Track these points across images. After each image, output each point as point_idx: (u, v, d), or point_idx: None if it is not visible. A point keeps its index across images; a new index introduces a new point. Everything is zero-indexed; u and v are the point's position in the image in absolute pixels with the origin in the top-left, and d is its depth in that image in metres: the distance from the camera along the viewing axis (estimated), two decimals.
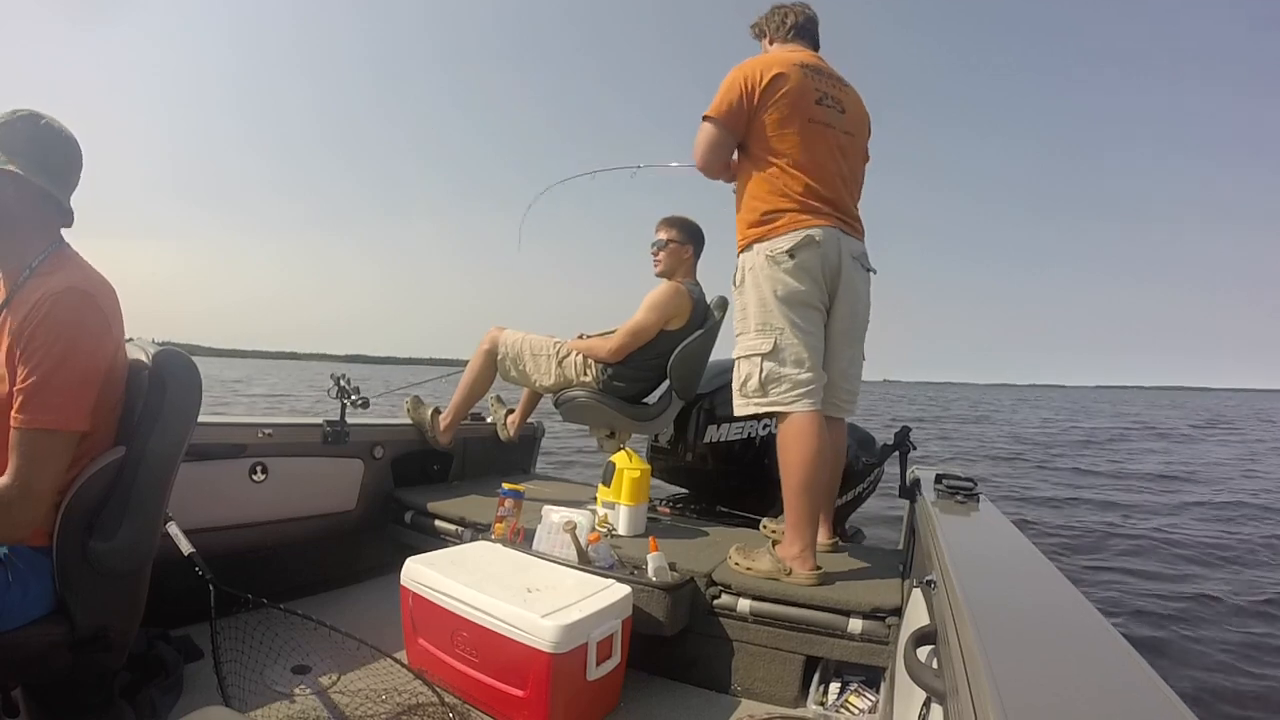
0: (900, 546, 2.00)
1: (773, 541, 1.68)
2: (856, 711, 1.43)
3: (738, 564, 1.64)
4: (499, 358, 2.40)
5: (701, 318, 2.33)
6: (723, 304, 2.37)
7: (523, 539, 1.79)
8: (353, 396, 2.11)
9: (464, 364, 2.50)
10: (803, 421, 1.57)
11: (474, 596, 1.38)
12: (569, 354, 2.35)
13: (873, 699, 1.44)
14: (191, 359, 1.15)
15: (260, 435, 1.90)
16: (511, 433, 2.66)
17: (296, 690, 1.41)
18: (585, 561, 1.60)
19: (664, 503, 2.49)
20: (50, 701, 1.12)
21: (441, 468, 2.57)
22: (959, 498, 1.47)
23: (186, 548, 1.42)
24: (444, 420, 2.42)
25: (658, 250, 2.34)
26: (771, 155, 1.62)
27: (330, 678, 1.47)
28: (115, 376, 1.10)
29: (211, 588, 1.39)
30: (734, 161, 1.73)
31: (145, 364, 1.13)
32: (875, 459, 2.45)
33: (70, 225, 1.13)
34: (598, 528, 1.73)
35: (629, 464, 1.98)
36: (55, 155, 1.08)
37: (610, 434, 2.38)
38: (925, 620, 0.91)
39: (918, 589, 1.14)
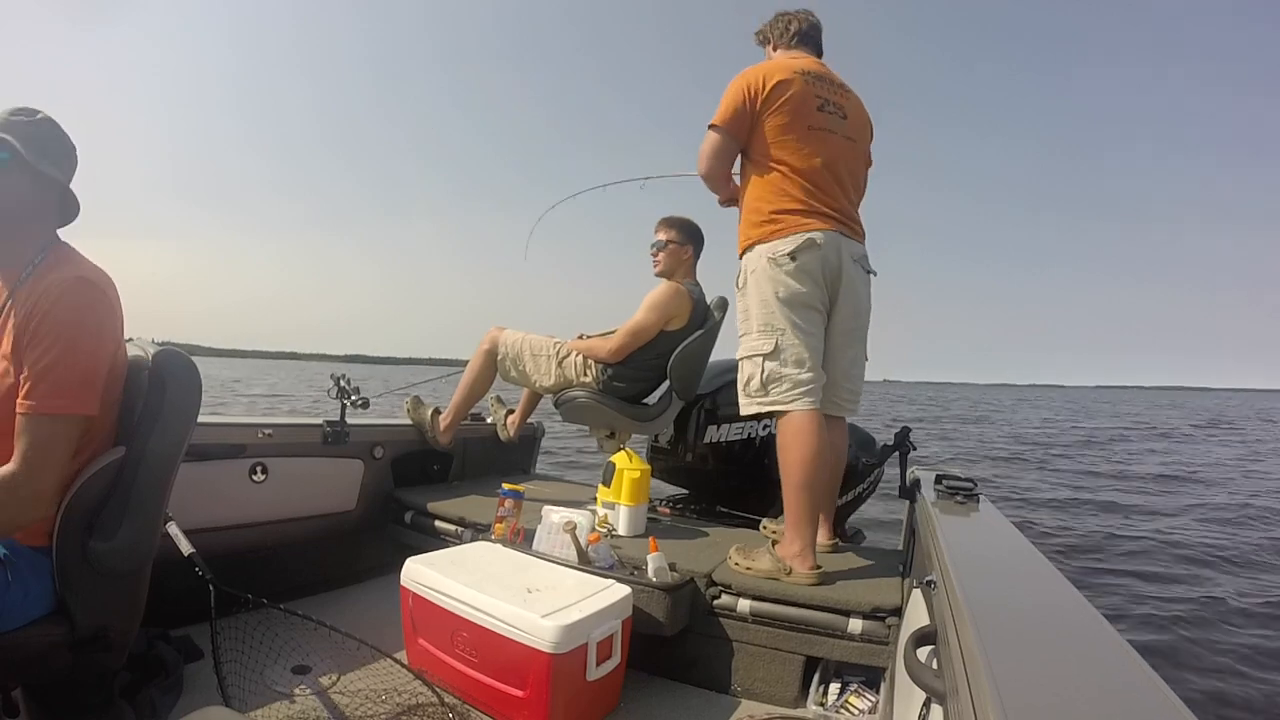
0: (900, 547, 2.00)
1: (772, 541, 1.68)
2: (856, 712, 1.43)
3: (738, 564, 1.64)
4: (499, 358, 2.40)
5: (701, 318, 2.33)
6: (723, 304, 2.37)
7: (523, 539, 1.79)
8: (353, 397, 2.11)
9: (464, 364, 2.50)
10: (802, 420, 1.58)
11: (474, 597, 1.38)
12: (569, 354, 2.35)
13: (873, 699, 1.44)
14: (191, 359, 1.15)
15: (260, 435, 1.90)
16: (511, 433, 2.66)
17: (296, 690, 1.41)
18: (585, 562, 1.60)
19: (664, 503, 2.48)
20: (50, 701, 1.12)
21: (441, 468, 2.57)
22: (959, 498, 1.47)
23: (186, 548, 1.42)
24: (444, 420, 2.42)
25: (657, 251, 2.35)
26: (774, 160, 1.65)
27: (330, 678, 1.47)
28: (115, 375, 1.11)
29: (211, 588, 1.39)
30: (735, 174, 1.78)
31: (145, 364, 1.13)
32: (875, 459, 2.45)
33: (74, 218, 1.14)
34: (598, 528, 1.73)
35: (629, 464, 1.98)
36: (53, 149, 1.09)
37: (610, 434, 2.38)
38: (925, 620, 0.91)
39: (918, 589, 1.14)
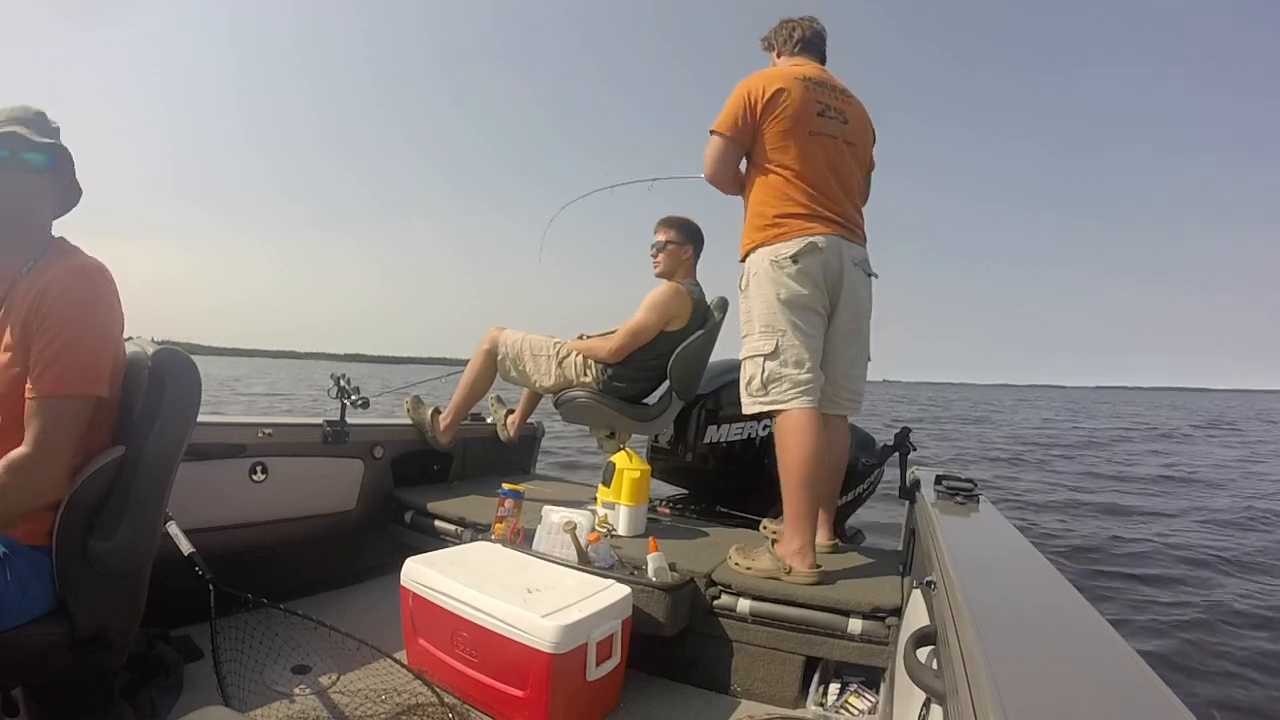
0: (900, 547, 2.00)
1: (772, 541, 1.68)
2: (856, 712, 1.43)
3: (737, 564, 1.64)
4: (499, 358, 2.40)
5: (702, 318, 2.33)
6: (723, 305, 2.37)
7: (523, 539, 1.79)
8: (352, 396, 2.11)
9: (464, 364, 2.50)
10: (800, 418, 1.59)
11: (474, 597, 1.38)
12: (569, 354, 2.35)
13: (872, 700, 1.44)
14: (191, 358, 1.15)
15: (260, 435, 1.90)
16: (511, 433, 2.66)
17: (296, 690, 1.41)
18: (585, 562, 1.60)
19: (664, 503, 2.48)
20: (50, 701, 1.12)
21: (441, 468, 2.56)
22: (959, 498, 1.47)
23: (186, 548, 1.42)
24: (444, 420, 2.42)
25: (657, 251, 2.35)
26: (776, 165, 1.67)
27: (330, 678, 1.47)
28: (115, 372, 1.11)
29: (211, 588, 1.39)
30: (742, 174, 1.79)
31: (145, 362, 1.13)
32: (875, 460, 2.45)
33: (76, 204, 1.15)
34: (598, 528, 1.73)
35: (629, 464, 1.98)
36: (51, 144, 1.09)
37: (610, 434, 2.38)
38: (925, 621, 0.91)
39: (918, 589, 1.14)
